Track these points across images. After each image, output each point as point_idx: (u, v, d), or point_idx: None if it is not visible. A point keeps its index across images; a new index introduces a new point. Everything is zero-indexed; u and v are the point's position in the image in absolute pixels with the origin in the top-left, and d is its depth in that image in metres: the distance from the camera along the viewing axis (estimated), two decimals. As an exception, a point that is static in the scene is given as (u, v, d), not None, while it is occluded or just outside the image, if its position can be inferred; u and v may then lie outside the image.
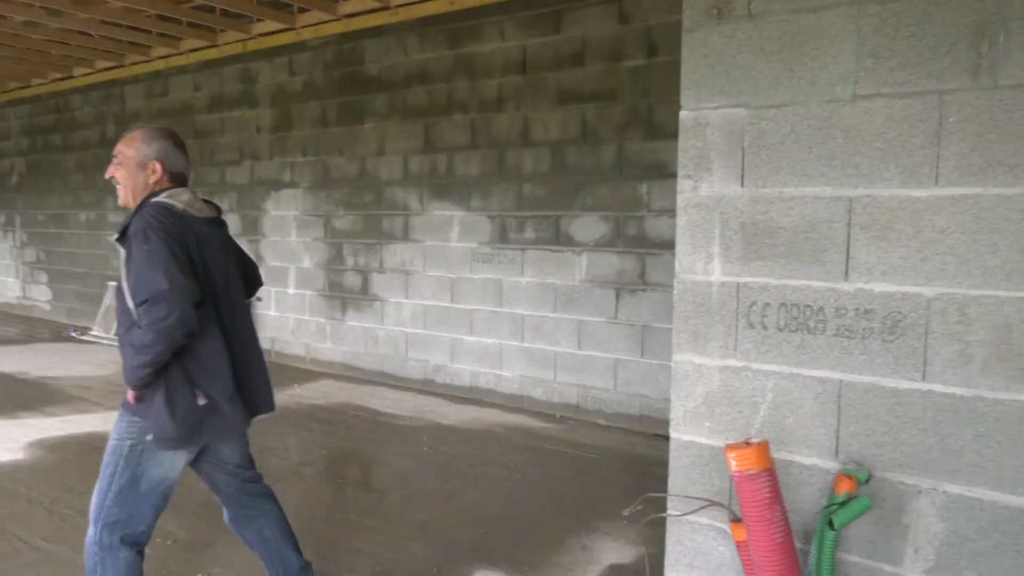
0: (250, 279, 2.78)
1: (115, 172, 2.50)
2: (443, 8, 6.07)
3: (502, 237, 6.10)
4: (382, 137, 6.80)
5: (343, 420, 5.69)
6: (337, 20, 6.77)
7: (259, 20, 7.18)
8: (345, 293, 7.18)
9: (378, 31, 6.71)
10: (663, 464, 4.70)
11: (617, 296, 5.54)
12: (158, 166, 2.47)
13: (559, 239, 5.80)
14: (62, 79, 9.88)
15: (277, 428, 5.43)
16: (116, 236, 2.37)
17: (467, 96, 6.23)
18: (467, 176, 6.27)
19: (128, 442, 2.36)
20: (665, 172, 5.27)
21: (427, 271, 6.58)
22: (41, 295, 11.00)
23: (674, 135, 5.16)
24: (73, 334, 9.33)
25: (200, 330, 2.29)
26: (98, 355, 8.10)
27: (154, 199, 2.40)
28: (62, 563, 3.23)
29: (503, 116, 6.04)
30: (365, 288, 7.02)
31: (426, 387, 6.62)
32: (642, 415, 5.47)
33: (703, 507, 2.28)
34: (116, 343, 2.40)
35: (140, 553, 2.50)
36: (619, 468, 4.69)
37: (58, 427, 5.30)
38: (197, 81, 8.40)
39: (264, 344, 7.78)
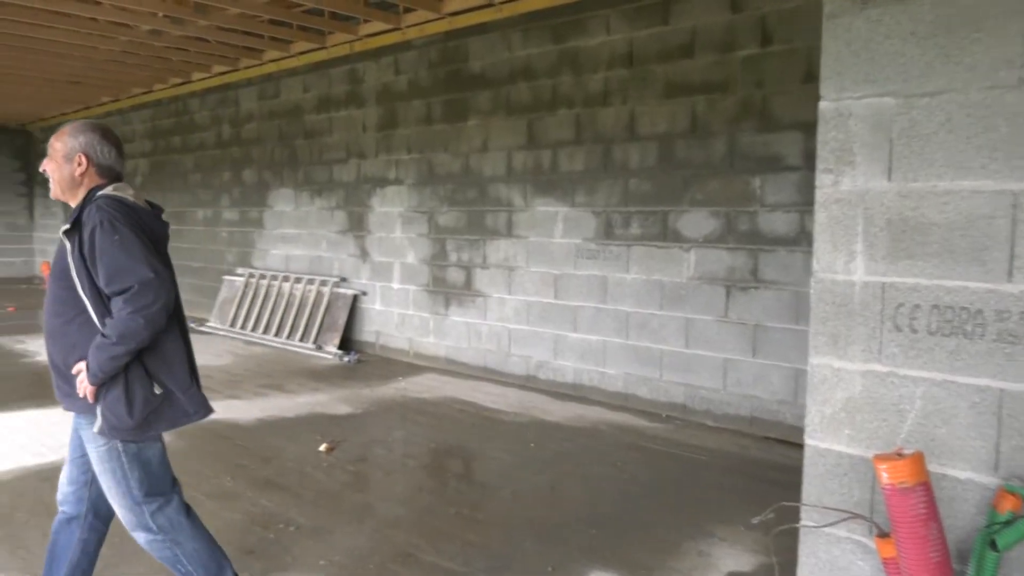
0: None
1: (46, 165, 2.52)
2: (547, 3, 6.04)
3: (607, 233, 6.02)
4: (486, 134, 6.84)
5: (448, 414, 5.76)
6: (441, 19, 6.85)
7: (366, 21, 7.35)
8: (448, 288, 7.27)
9: (482, 28, 6.74)
10: (778, 468, 4.55)
11: (727, 294, 5.37)
12: (83, 158, 2.46)
13: (666, 235, 5.68)
14: (181, 84, 10.43)
15: (384, 420, 5.55)
16: (65, 228, 2.38)
17: (572, 91, 6.18)
18: (571, 172, 6.23)
19: (114, 441, 2.39)
20: (780, 165, 5.07)
21: (530, 267, 6.57)
22: (162, 288, 11.64)
23: (790, 127, 4.97)
24: (193, 325, 9.82)
25: None
26: (215, 346, 8.51)
27: (102, 192, 2.40)
28: (194, 545, 3.37)
29: (609, 110, 5.96)
30: (468, 283, 7.08)
31: (528, 383, 6.63)
32: (753, 417, 5.29)
33: (843, 519, 2.16)
34: (51, 334, 2.33)
35: (192, 512, 2.63)
36: (731, 471, 4.55)
37: (183, 414, 5.58)
38: (307, 83, 8.68)
39: (369, 338, 8.01)
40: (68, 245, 2.35)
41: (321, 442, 4.88)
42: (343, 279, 8.35)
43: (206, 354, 7.95)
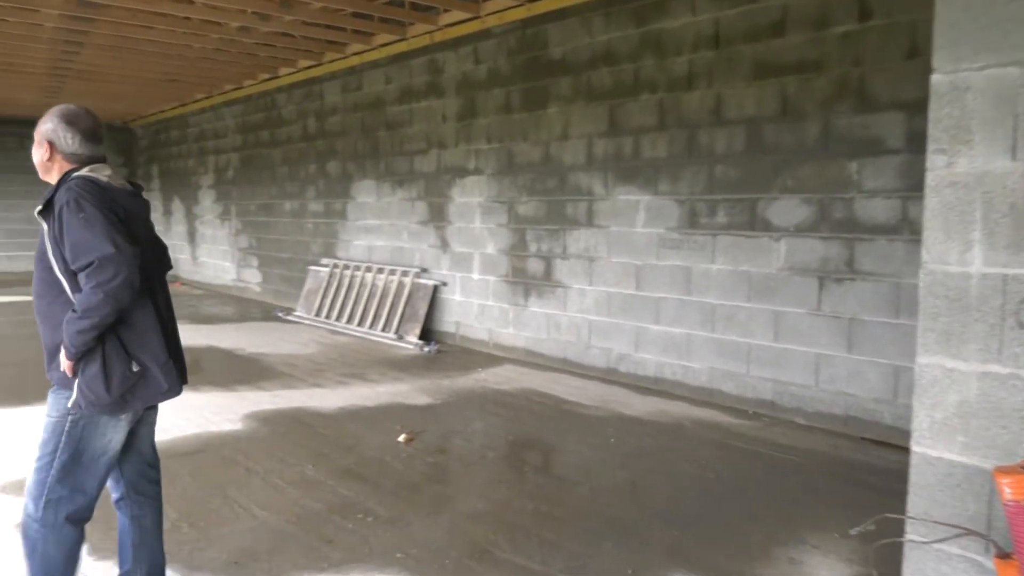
0: (161, 258, 2.81)
1: (33, 150, 2.58)
2: (630, -15, 5.86)
3: (691, 222, 5.81)
4: (566, 121, 6.71)
5: (526, 406, 5.69)
6: (520, 5, 6.76)
7: (445, 11, 7.34)
8: (528, 279, 7.20)
9: (561, 13, 6.61)
10: (876, 472, 4.28)
11: (820, 285, 5.09)
12: (47, 144, 2.49)
13: (754, 223, 5.43)
14: (269, 79, 10.71)
15: (463, 411, 5.54)
16: (39, 209, 2.40)
17: (654, 75, 5.98)
18: (654, 159, 6.04)
19: (69, 418, 2.40)
20: (879, 148, 4.75)
21: (611, 257, 6.42)
22: (252, 278, 12.06)
23: (890, 107, 4.65)
24: (280, 314, 10.12)
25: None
26: (301, 334, 8.72)
27: (76, 173, 2.43)
28: (275, 532, 3.42)
29: (693, 94, 5.74)
30: (548, 274, 6.99)
31: (609, 376, 6.50)
32: (848, 416, 5.01)
33: (955, 535, 1.97)
34: (38, 315, 2.44)
35: (82, 531, 2.55)
36: (824, 473, 4.31)
37: (269, 401, 5.72)
38: (388, 74, 8.75)
39: (449, 328, 8.03)
40: (44, 227, 2.41)
41: (401, 432, 4.90)
42: (424, 269, 8.40)
43: (292, 343, 8.15)
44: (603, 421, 5.31)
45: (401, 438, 4.78)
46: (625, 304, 6.34)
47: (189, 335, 8.53)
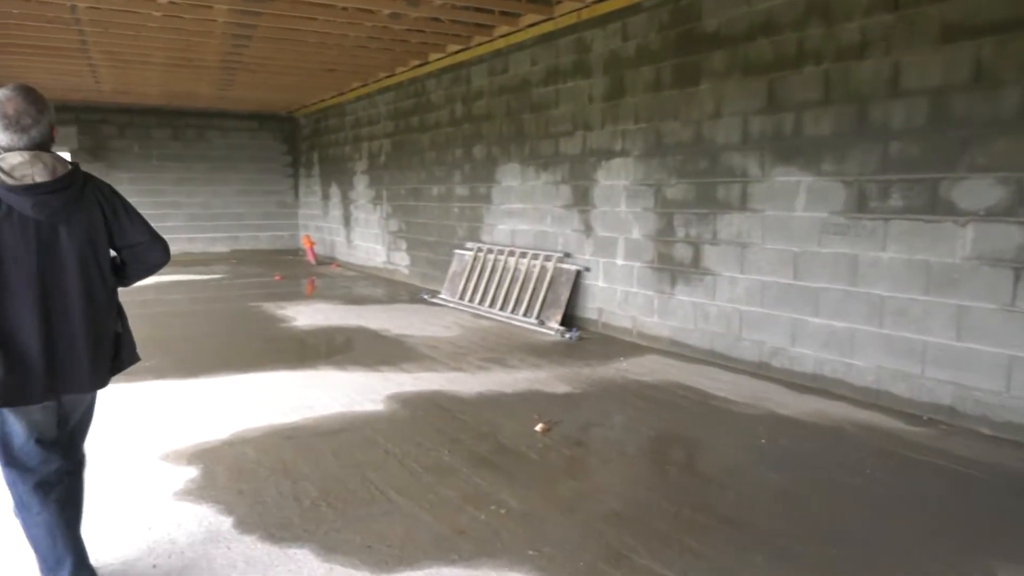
0: (125, 255, 2.73)
1: None
2: (795, -54, 5.36)
3: (859, 205, 5.27)
4: (719, 98, 6.30)
5: (671, 400, 5.41)
6: (674, -24, 6.39)
7: (594, -14, 7.09)
8: (675, 266, 6.86)
9: (718, -18, 6.19)
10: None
11: (1016, 278, 4.45)
12: None
13: (935, 207, 4.83)
14: (419, 65, 10.90)
15: (603, 402, 5.34)
16: None
17: (820, 44, 5.46)
18: (817, 136, 5.53)
19: None
20: (1099, 119, 4.05)
21: (766, 244, 5.97)
22: (401, 261, 12.42)
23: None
24: (425, 296, 10.34)
25: None
26: (445, 317, 8.84)
27: None
28: (409, 518, 3.40)
29: (865, 64, 5.18)
30: (696, 261, 6.63)
31: (761, 371, 6.07)
32: (1047, 428, 4.36)
33: None
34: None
35: (53, 507, 2.61)
36: (1015, 493, 3.75)
37: (411, 383, 5.79)
38: (534, 55, 8.63)
39: (591, 315, 7.84)
40: None
41: (538, 421, 4.78)
42: (567, 254, 8.25)
43: (436, 325, 8.27)
44: (754, 420, 4.94)
45: (538, 428, 4.67)
46: (781, 294, 5.88)
47: (341, 315, 8.92)
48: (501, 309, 8.80)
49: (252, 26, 8.59)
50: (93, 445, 4.27)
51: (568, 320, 8.00)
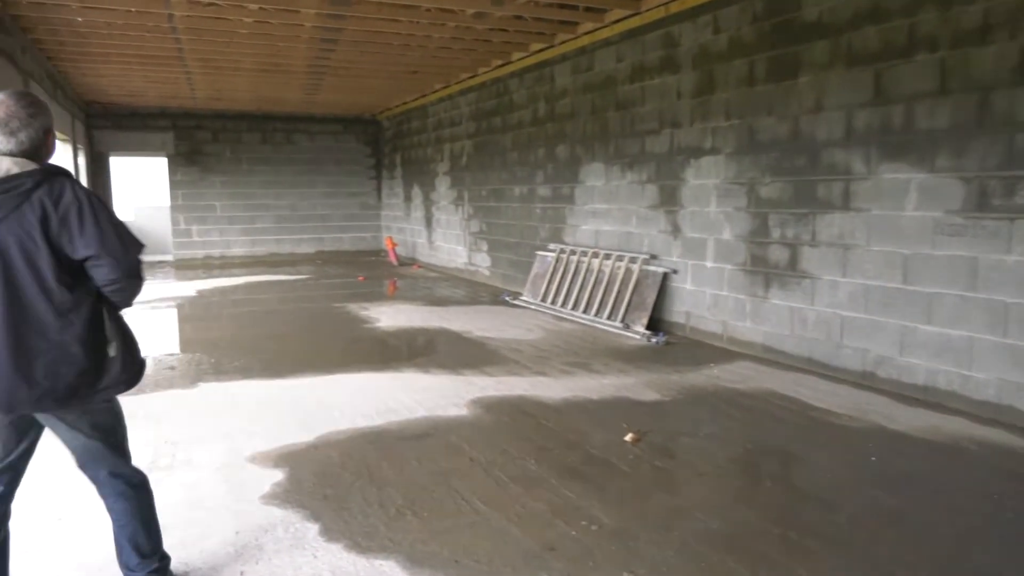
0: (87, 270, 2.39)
1: None
2: (907, -75, 4.98)
3: (980, 204, 4.85)
4: (819, 91, 5.94)
5: (767, 410, 5.12)
6: (770, -37, 6.08)
7: (684, -22, 6.83)
8: (769, 268, 6.53)
9: (819, -32, 5.84)
10: None
11: None
12: None
13: (1070, 205, 4.39)
14: (502, 65, 10.82)
15: (695, 411, 5.10)
16: None
17: (935, 30, 5.06)
18: (931, 130, 5.13)
19: None
20: None
21: (871, 245, 5.59)
22: (482, 262, 12.38)
23: None
24: (507, 298, 10.25)
25: None
26: (527, 320, 8.71)
27: None
28: (497, 531, 3.27)
29: (987, 50, 4.76)
30: (793, 263, 6.28)
31: (864, 381, 5.69)
32: None
33: None
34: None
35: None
36: None
37: (494, 387, 5.68)
38: (619, 52, 8.41)
39: (678, 319, 7.56)
40: None
41: (627, 430, 4.59)
42: (653, 256, 7.99)
43: (517, 328, 8.15)
44: (860, 434, 4.61)
45: (628, 437, 4.47)
46: (887, 299, 5.50)
47: (423, 317, 8.91)
48: (584, 312, 8.62)
49: (338, 30, 8.68)
50: (186, 443, 4.35)
51: (654, 324, 7.75)
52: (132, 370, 2.54)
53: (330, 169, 17.40)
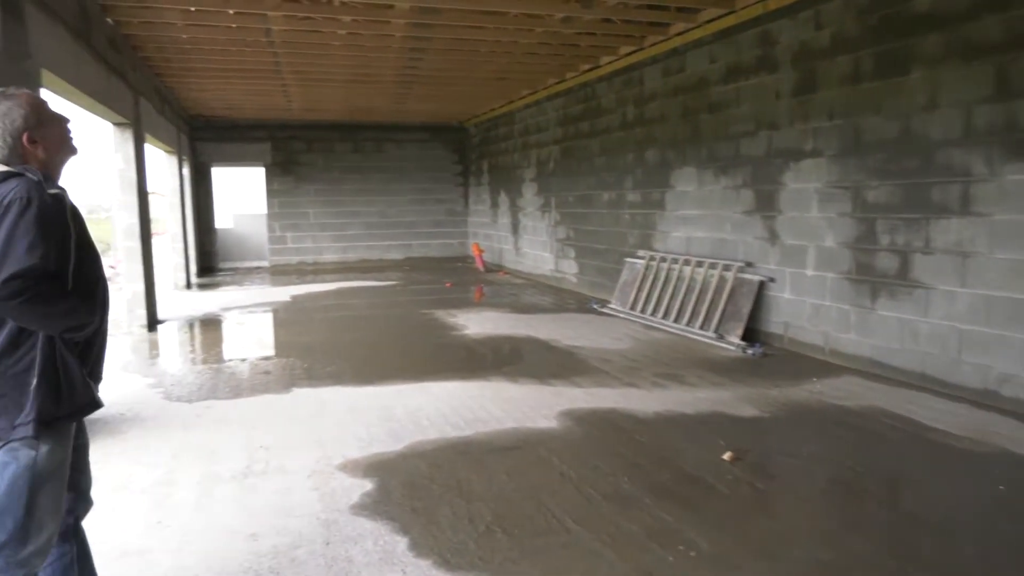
0: None
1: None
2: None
3: (1123, 207, 4.40)
4: (933, 87, 5.55)
5: (877, 430, 4.78)
6: (879, -46, 5.73)
7: (784, -27, 6.53)
8: (876, 277, 6.14)
9: (933, -43, 5.46)
10: None
11: None
12: None
13: None
14: (590, 69, 10.69)
15: (796, 429, 4.82)
16: None
17: (1069, 18, 4.63)
18: (1064, 126, 4.69)
19: None
20: None
21: (994, 253, 5.17)
22: (569, 269, 12.24)
23: None
24: (595, 306, 10.08)
25: None
26: (616, 328, 8.53)
27: None
28: (590, 553, 3.14)
29: None
30: (903, 272, 5.88)
31: (985, 400, 5.25)
32: None
33: None
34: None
35: None
36: None
37: (584, 398, 5.55)
38: (713, 52, 8.13)
39: (775, 329, 7.24)
40: None
41: (724, 448, 4.37)
42: (748, 264, 7.68)
43: (606, 337, 7.99)
44: (983, 459, 4.24)
45: (726, 456, 4.26)
46: (1014, 312, 5.06)
47: (510, 324, 8.86)
48: (676, 321, 8.37)
49: (426, 38, 8.76)
50: (279, 448, 4.40)
51: (750, 334, 7.44)
52: (46, 413, 2.09)
53: (418, 176, 17.66)
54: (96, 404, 2.25)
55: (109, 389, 5.93)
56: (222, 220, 17.74)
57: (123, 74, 8.09)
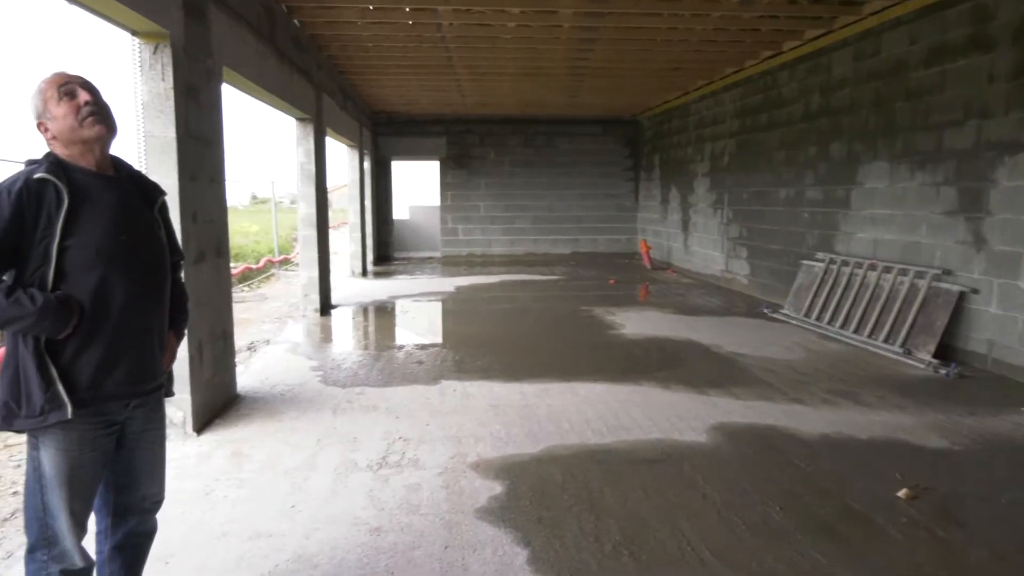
0: None
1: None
2: None
3: None
4: None
5: (1102, 477, 3.97)
6: None
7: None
8: (1111, 293, 5.15)
9: None
10: None
11: None
12: None
13: None
14: (771, 56, 9.95)
15: (995, 467, 4.10)
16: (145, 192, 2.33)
17: None
18: None
19: None
20: None
21: None
22: (740, 269, 11.53)
23: None
24: (765, 311, 9.40)
25: None
26: (786, 336, 7.87)
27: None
28: (725, 590, 2.81)
29: None
30: None
31: None
32: None
33: None
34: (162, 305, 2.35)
35: None
36: None
37: (740, 412, 5.10)
38: (913, 32, 7.23)
39: (976, 348, 6.34)
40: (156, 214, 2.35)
41: (900, 483, 3.81)
42: (945, 271, 6.76)
43: (774, 345, 7.38)
44: None
45: (901, 492, 3.70)
46: None
47: (671, 325, 8.45)
48: (855, 332, 7.57)
49: (596, 28, 8.52)
50: (417, 441, 4.38)
51: (943, 352, 6.55)
52: (10, 413, 2.05)
53: (588, 171, 17.46)
54: (60, 415, 2.02)
55: (277, 370, 6.29)
56: (399, 212, 18.56)
57: (307, 72, 8.55)
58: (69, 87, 2.13)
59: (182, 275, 2.55)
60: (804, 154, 9.42)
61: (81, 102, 2.12)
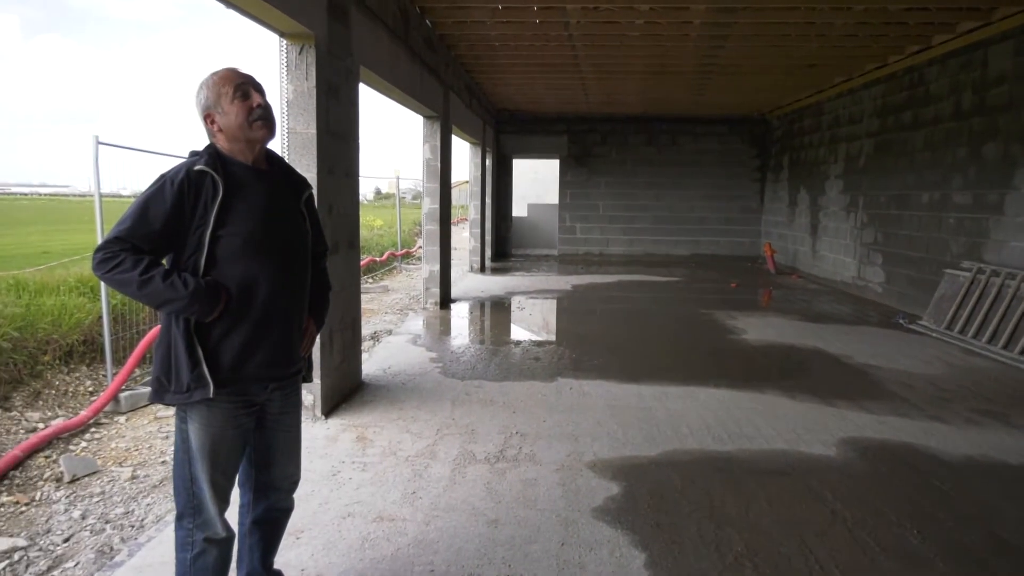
0: None
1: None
2: None
3: None
4: None
5: None
6: None
7: None
8: None
9: None
10: None
11: None
12: None
13: None
14: (918, 52, 9.34)
15: None
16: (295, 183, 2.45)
17: None
18: None
19: None
20: None
21: None
22: (874, 277, 10.90)
23: None
24: (901, 321, 8.84)
25: None
26: (925, 349, 7.37)
27: None
28: (856, 613, 2.67)
29: None
30: None
31: None
32: None
33: None
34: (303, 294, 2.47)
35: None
36: None
37: (873, 427, 4.82)
38: (1087, 24, 6.59)
39: None
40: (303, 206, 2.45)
41: (1058, 515, 3.49)
42: (1117, 286, 6.13)
43: (911, 358, 6.92)
44: None
45: (1059, 526, 3.39)
46: None
47: (797, 332, 8.11)
48: (1006, 348, 6.99)
49: (728, 24, 8.27)
50: (534, 436, 4.39)
51: (1112, 375, 5.94)
52: (161, 388, 2.20)
53: (712, 171, 17.00)
54: (204, 393, 2.15)
55: (399, 359, 6.50)
56: (518, 209, 18.73)
57: (436, 71, 8.78)
58: (244, 88, 2.24)
59: (326, 265, 2.67)
60: (952, 156, 8.79)
61: (254, 104, 2.24)
